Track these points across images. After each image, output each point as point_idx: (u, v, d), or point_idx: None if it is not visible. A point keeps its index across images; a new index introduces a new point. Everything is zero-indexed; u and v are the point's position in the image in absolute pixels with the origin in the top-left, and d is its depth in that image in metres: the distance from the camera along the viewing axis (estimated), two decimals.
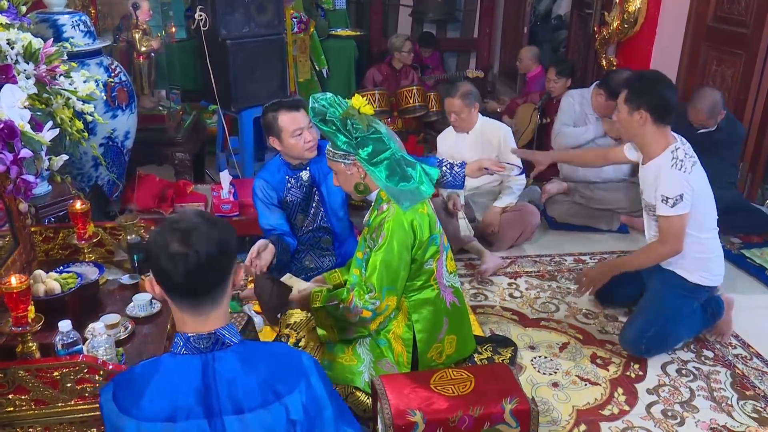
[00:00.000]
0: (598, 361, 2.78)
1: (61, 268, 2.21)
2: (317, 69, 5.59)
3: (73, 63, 2.45)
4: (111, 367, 1.65)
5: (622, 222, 4.07)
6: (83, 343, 1.79)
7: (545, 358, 2.80)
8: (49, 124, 2.00)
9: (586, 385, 2.63)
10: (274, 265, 2.62)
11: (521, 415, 1.94)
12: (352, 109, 2.09)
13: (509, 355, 2.56)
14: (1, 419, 1.63)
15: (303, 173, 2.79)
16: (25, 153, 1.80)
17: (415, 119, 5.58)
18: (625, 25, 4.65)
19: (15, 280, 1.71)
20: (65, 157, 2.15)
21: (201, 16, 3.77)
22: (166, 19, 4.25)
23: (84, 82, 2.38)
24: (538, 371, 2.71)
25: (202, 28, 3.80)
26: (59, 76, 2.27)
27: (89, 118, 2.39)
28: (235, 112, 4.03)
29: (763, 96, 3.91)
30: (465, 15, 7.29)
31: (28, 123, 1.88)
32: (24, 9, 2.34)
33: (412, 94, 5.44)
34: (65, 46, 2.47)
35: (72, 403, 1.65)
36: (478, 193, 3.82)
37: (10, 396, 1.62)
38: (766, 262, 3.54)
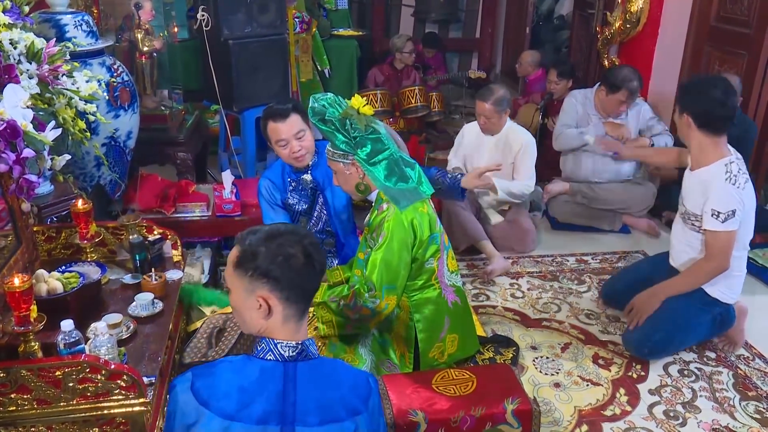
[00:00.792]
0: (600, 361, 2.78)
1: (64, 267, 2.22)
2: (319, 69, 5.58)
3: (75, 63, 2.44)
4: (113, 366, 1.65)
5: (625, 222, 4.07)
6: (85, 343, 1.80)
7: (547, 358, 2.80)
8: (52, 123, 2.00)
9: (587, 385, 2.63)
10: None
11: (523, 416, 1.95)
12: (351, 109, 2.10)
13: (511, 355, 2.55)
14: (4, 418, 1.63)
15: (305, 176, 2.79)
16: (27, 153, 1.81)
17: (416, 119, 5.59)
18: (628, 25, 4.65)
19: (17, 280, 1.71)
20: (68, 156, 2.15)
21: (203, 16, 3.77)
22: (169, 19, 4.24)
23: (86, 81, 2.38)
24: (540, 371, 2.71)
25: (205, 28, 3.80)
26: (62, 76, 2.27)
27: (92, 118, 2.39)
28: (237, 112, 4.03)
29: (766, 96, 3.89)
30: (467, 15, 7.29)
31: (31, 123, 1.88)
32: (27, 9, 2.34)
33: (414, 94, 5.45)
34: (68, 46, 2.47)
35: (74, 402, 1.65)
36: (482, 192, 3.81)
37: (13, 395, 1.62)
38: None
